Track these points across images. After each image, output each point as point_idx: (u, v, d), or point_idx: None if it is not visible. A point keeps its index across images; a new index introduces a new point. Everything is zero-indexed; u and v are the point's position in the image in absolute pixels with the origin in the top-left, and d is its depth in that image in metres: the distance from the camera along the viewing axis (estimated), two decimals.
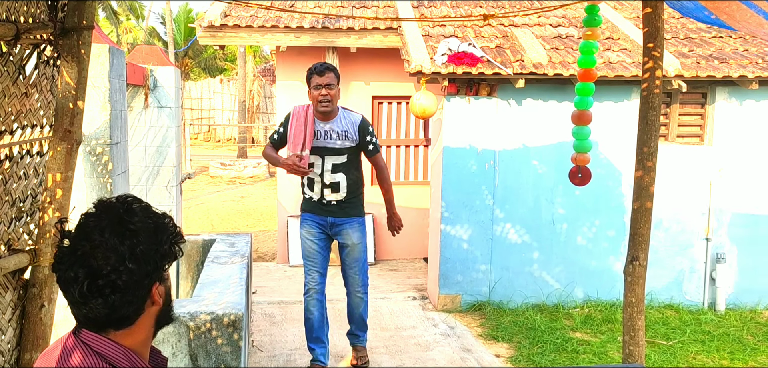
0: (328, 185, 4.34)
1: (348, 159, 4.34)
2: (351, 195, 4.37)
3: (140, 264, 1.25)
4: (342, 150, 4.32)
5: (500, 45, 6.52)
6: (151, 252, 1.28)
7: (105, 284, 1.22)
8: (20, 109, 2.27)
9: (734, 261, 6.52)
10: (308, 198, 4.46)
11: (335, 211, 4.38)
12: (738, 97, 6.39)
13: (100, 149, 3.89)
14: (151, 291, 1.31)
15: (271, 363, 4.88)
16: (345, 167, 4.34)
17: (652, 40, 3.07)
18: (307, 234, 4.45)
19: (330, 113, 4.30)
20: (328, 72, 4.27)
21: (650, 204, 3.14)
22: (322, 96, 4.23)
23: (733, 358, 5.23)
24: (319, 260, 4.47)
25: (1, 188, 2.20)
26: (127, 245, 1.24)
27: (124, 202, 1.30)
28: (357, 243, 4.43)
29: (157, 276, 1.31)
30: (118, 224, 1.26)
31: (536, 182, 6.32)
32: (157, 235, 1.30)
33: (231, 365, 3.56)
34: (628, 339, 3.25)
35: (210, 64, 32.04)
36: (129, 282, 1.24)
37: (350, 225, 4.41)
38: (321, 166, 4.31)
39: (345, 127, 4.32)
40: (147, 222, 1.29)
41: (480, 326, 5.85)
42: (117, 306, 1.25)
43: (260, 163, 18.20)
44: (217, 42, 7.57)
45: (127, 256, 1.24)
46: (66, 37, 2.33)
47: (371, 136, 4.39)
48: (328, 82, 4.24)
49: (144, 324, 1.33)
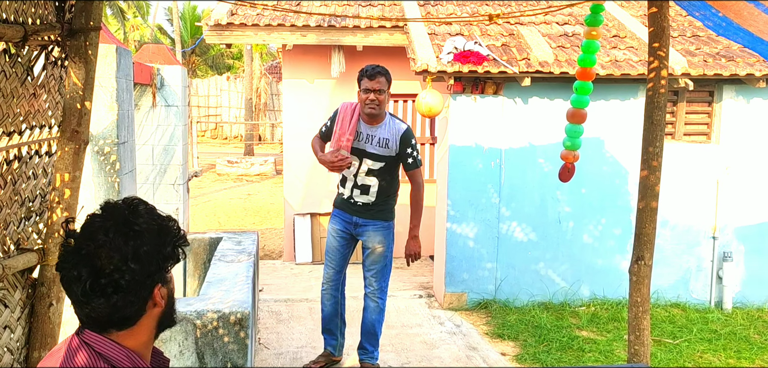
0: (359, 186, 4.29)
1: (385, 166, 4.25)
2: (380, 200, 4.31)
3: (143, 264, 1.27)
4: (380, 157, 4.23)
5: (506, 43, 6.52)
6: (154, 253, 1.29)
7: (107, 283, 1.24)
8: (29, 110, 2.29)
9: (741, 260, 6.49)
10: (340, 194, 4.44)
11: (361, 212, 4.33)
12: (745, 96, 6.36)
13: (107, 149, 3.92)
14: (154, 292, 1.32)
15: (277, 360, 4.90)
16: (380, 173, 4.27)
17: (657, 39, 3.07)
18: (332, 231, 4.45)
19: (376, 117, 4.22)
20: (379, 76, 4.16)
21: (655, 204, 3.14)
22: (369, 100, 4.13)
23: (740, 357, 5.22)
24: (337, 258, 4.46)
25: (11, 188, 2.22)
26: (131, 246, 1.26)
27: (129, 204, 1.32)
28: (378, 246, 4.34)
29: (159, 278, 1.32)
30: (123, 225, 1.27)
31: (542, 180, 6.32)
32: (161, 237, 1.31)
33: (238, 363, 3.58)
34: (633, 338, 3.25)
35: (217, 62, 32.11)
36: (131, 282, 1.25)
37: (374, 227, 4.33)
38: (356, 167, 4.25)
39: (387, 135, 4.22)
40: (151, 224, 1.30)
41: (486, 324, 5.85)
42: (119, 306, 1.26)
43: (267, 160, 18.24)
44: (224, 40, 7.60)
45: (131, 257, 1.25)
46: (73, 38, 2.35)
47: (413, 149, 4.24)
48: (379, 88, 4.14)
49: (146, 325, 1.34)
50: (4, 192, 2.19)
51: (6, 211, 2.20)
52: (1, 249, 2.19)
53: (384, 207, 4.34)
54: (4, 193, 2.18)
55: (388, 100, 4.29)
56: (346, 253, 4.50)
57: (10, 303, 2.21)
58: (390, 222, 4.39)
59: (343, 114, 4.30)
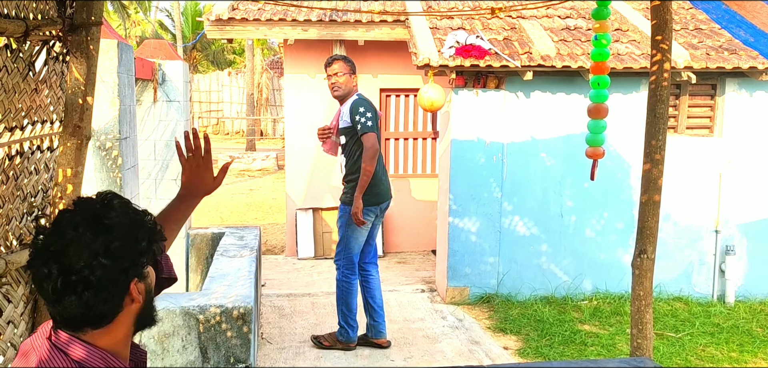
0: (340, 164, 4.94)
1: (347, 141, 4.74)
2: (347, 177, 4.80)
3: (115, 260, 1.22)
4: (341, 130, 4.78)
5: (508, 37, 6.50)
6: (127, 248, 1.25)
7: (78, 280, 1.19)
8: (30, 105, 2.29)
9: (744, 254, 6.48)
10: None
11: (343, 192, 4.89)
12: (748, 89, 6.35)
13: (109, 144, 3.92)
14: (129, 288, 1.27)
15: (280, 355, 4.91)
16: (345, 149, 4.78)
17: (660, 32, 3.06)
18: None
19: (343, 98, 4.80)
20: (334, 63, 4.81)
21: (658, 198, 3.13)
22: (331, 84, 4.81)
23: (742, 350, 5.21)
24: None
25: (13, 184, 2.22)
26: (101, 241, 1.21)
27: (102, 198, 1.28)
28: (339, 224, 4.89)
29: (134, 273, 1.28)
30: (92, 220, 1.23)
31: (544, 174, 6.31)
32: (134, 231, 1.27)
33: (241, 357, 3.59)
34: (636, 332, 3.24)
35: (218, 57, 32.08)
36: (103, 279, 1.21)
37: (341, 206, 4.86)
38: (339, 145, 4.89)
39: (344, 109, 4.76)
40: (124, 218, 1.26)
41: (488, 318, 5.85)
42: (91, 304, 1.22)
43: (269, 155, 18.24)
44: (225, 35, 7.59)
45: (101, 252, 1.20)
46: (75, 34, 2.35)
47: (360, 116, 4.62)
48: (335, 72, 4.77)
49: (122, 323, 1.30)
50: (6, 188, 2.19)
51: (8, 207, 2.20)
52: (3, 244, 2.20)
53: (348, 188, 4.81)
54: (6, 189, 2.18)
55: (353, 82, 4.82)
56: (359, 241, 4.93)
57: (14, 299, 2.21)
58: (348, 206, 4.74)
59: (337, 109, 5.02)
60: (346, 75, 4.75)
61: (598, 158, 3.95)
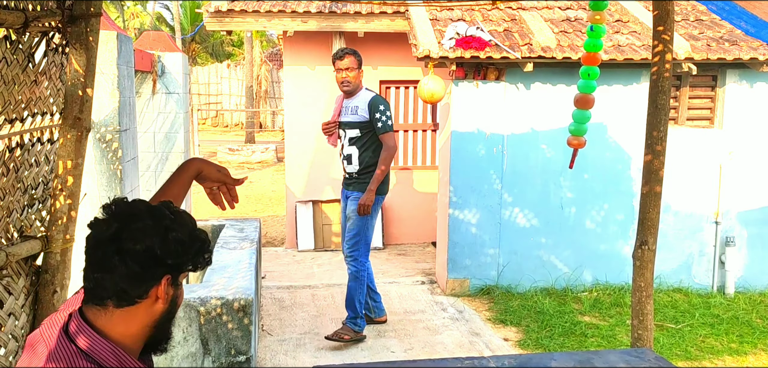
0: (345, 157, 4.92)
1: (361, 134, 4.81)
2: (362, 170, 4.83)
3: (163, 245, 1.30)
4: (354, 123, 4.83)
5: (508, 28, 6.48)
6: (177, 244, 1.32)
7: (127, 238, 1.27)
8: (30, 97, 2.28)
9: (744, 245, 6.49)
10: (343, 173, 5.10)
11: (349, 184, 4.94)
12: (749, 80, 6.34)
13: (109, 136, 3.91)
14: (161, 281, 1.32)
15: (281, 347, 4.92)
16: (358, 141, 4.83)
17: (662, 23, 3.04)
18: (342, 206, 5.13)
19: (351, 92, 4.89)
20: (346, 56, 4.83)
21: (659, 189, 3.13)
22: (341, 78, 4.84)
23: (742, 341, 5.22)
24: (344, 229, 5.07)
25: (13, 176, 2.22)
26: (163, 225, 1.31)
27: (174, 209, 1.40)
28: (352, 215, 4.85)
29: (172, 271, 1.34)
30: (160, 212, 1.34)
31: (545, 166, 6.30)
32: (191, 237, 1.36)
33: (241, 349, 3.59)
34: (636, 323, 3.25)
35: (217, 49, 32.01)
36: (145, 255, 1.28)
37: (354, 198, 4.87)
38: (342, 138, 4.94)
39: (358, 103, 4.84)
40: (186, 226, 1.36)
41: (488, 310, 5.86)
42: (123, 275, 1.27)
43: (268, 148, 18.23)
44: (224, 27, 7.57)
45: (159, 232, 1.30)
46: (74, 25, 2.33)
47: (381, 114, 4.76)
48: (347, 66, 4.81)
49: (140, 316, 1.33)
50: (7, 180, 2.18)
51: (9, 199, 2.20)
52: (4, 236, 2.19)
53: (365, 180, 4.81)
54: (6, 181, 2.18)
55: (361, 75, 4.92)
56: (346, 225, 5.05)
57: (15, 291, 2.21)
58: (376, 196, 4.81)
59: (338, 98, 5.11)
60: (356, 69, 4.83)
61: (579, 148, 3.96)
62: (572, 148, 3.97)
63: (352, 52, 4.86)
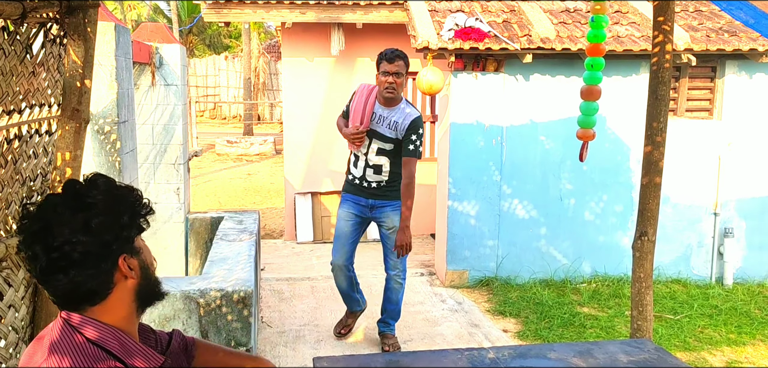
0: (371, 166, 4.37)
1: (394, 147, 4.32)
2: (393, 181, 4.38)
3: (95, 236, 1.24)
4: (389, 138, 4.31)
5: (507, 19, 6.46)
6: (108, 223, 1.26)
7: (60, 257, 1.22)
8: (28, 88, 2.27)
9: (742, 236, 6.50)
10: (351, 180, 4.48)
11: (376, 193, 4.40)
12: (748, 71, 6.33)
13: (108, 128, 3.90)
14: (117, 263, 1.29)
15: (280, 338, 4.92)
16: (390, 153, 4.34)
17: (662, 13, 3.04)
18: (343, 215, 4.49)
19: (393, 101, 4.29)
20: (398, 60, 4.22)
21: (659, 180, 3.13)
22: (388, 83, 4.20)
23: (740, 332, 5.24)
24: (349, 241, 4.50)
25: (11, 167, 2.21)
26: (80, 218, 1.23)
27: (87, 179, 1.30)
28: (396, 226, 4.39)
29: (121, 248, 1.29)
30: (72, 198, 1.26)
31: (544, 158, 6.30)
32: (115, 206, 1.28)
33: (241, 341, 3.59)
34: (636, 313, 3.25)
35: (215, 41, 31.92)
36: (85, 255, 1.23)
37: (391, 207, 4.40)
38: (367, 146, 4.34)
39: (398, 119, 4.28)
40: (105, 195, 1.28)
41: (487, 301, 5.87)
42: (78, 281, 1.24)
43: (266, 140, 18.20)
44: (222, 18, 7.54)
45: (80, 229, 1.23)
46: (72, 15, 2.32)
47: (418, 138, 4.27)
48: (397, 71, 4.20)
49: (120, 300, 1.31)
50: (5, 172, 2.17)
51: (7, 191, 2.19)
52: (3, 228, 2.19)
53: (395, 187, 4.40)
54: (4, 173, 2.17)
55: (405, 84, 4.39)
56: (356, 238, 4.55)
57: (14, 283, 2.20)
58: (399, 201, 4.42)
59: (360, 95, 4.38)
60: (404, 76, 4.28)
61: (588, 140, 3.95)
62: (581, 141, 3.95)
63: (404, 57, 4.27)
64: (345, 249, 4.52)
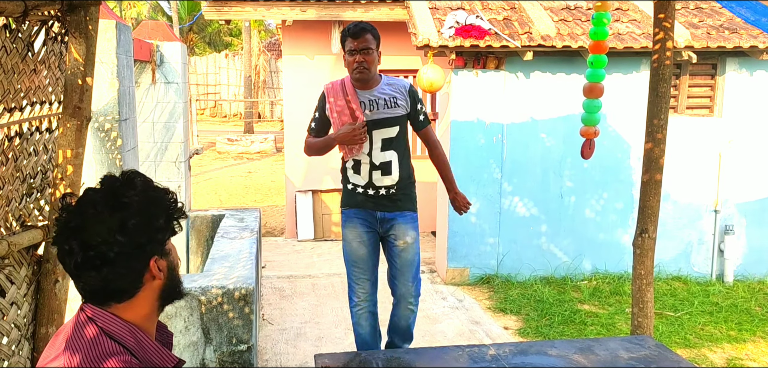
0: (378, 166, 3.47)
1: (399, 132, 3.50)
2: (404, 181, 3.53)
3: (131, 236, 1.25)
4: (392, 120, 3.47)
5: (508, 17, 6.46)
6: (143, 225, 1.27)
7: (95, 256, 1.23)
8: (29, 86, 2.27)
9: (743, 233, 6.50)
10: (352, 190, 3.54)
11: (386, 204, 3.50)
12: (748, 68, 6.33)
13: (108, 125, 3.90)
14: (149, 264, 1.30)
15: (281, 336, 4.93)
16: (396, 144, 3.49)
17: (663, 10, 3.03)
18: (353, 236, 3.52)
19: (369, 81, 3.48)
20: (364, 33, 3.43)
21: (660, 177, 3.13)
22: (357, 62, 3.40)
23: (740, 329, 5.24)
24: (369, 266, 3.54)
25: (12, 165, 2.21)
26: (118, 218, 1.24)
27: (125, 177, 1.31)
28: (412, 243, 3.53)
29: (154, 250, 1.31)
30: (111, 197, 1.26)
31: (544, 155, 6.30)
32: (151, 209, 1.29)
33: (242, 338, 3.60)
34: (637, 310, 3.26)
35: (215, 39, 31.90)
36: (120, 255, 1.24)
37: (404, 219, 3.52)
38: (369, 144, 3.44)
39: (392, 93, 3.51)
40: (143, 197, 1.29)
41: (488, 299, 5.87)
42: (110, 279, 1.26)
43: (267, 138, 18.20)
44: (223, 16, 7.54)
45: (117, 229, 1.24)
46: (73, 13, 2.32)
47: (421, 104, 3.59)
48: (365, 46, 3.41)
49: (146, 298, 1.33)
50: (6, 169, 2.18)
51: (8, 188, 2.19)
52: (4, 226, 2.19)
53: (410, 192, 3.60)
54: (5, 170, 2.17)
55: (379, 61, 3.54)
56: (376, 258, 3.62)
57: (16, 280, 2.21)
58: (415, 212, 3.63)
59: (333, 95, 3.53)
60: (375, 51, 3.48)
61: (591, 137, 3.95)
62: (583, 138, 3.95)
63: (371, 29, 3.49)
64: (368, 282, 3.56)
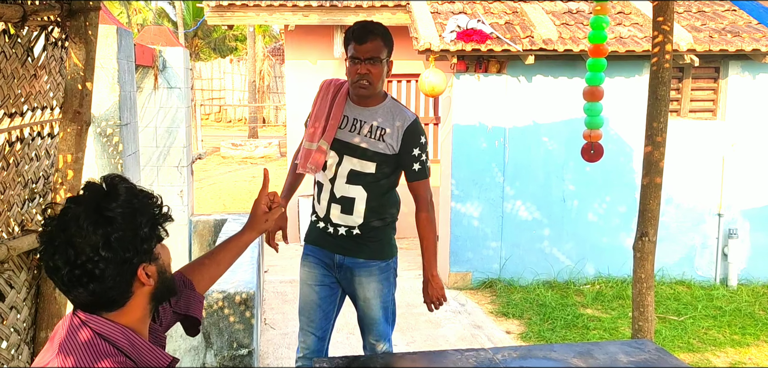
0: (338, 200, 2.79)
1: (377, 171, 2.77)
2: (370, 224, 2.82)
3: (116, 251, 1.24)
4: (369, 153, 2.75)
5: (510, 21, 6.47)
6: (127, 238, 1.25)
7: (82, 274, 1.23)
8: (29, 91, 2.29)
9: (746, 237, 6.47)
10: (314, 222, 2.94)
11: (347, 245, 2.83)
12: (751, 71, 6.31)
13: (110, 130, 3.92)
14: (137, 273, 1.29)
15: (283, 340, 4.93)
16: (368, 181, 2.77)
17: (662, 13, 3.03)
18: (305, 277, 2.92)
19: (369, 98, 2.78)
20: (372, 38, 2.69)
21: (659, 180, 3.12)
22: (358, 74, 2.70)
23: (744, 333, 5.22)
24: (317, 317, 2.90)
25: (13, 170, 2.22)
26: (101, 234, 1.22)
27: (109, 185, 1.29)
28: (372, 298, 2.87)
29: (139, 260, 1.29)
30: (93, 211, 1.24)
31: (546, 159, 6.29)
32: (135, 220, 1.27)
33: (244, 343, 3.60)
34: (637, 314, 3.25)
35: (220, 45, 32.01)
36: (106, 271, 1.23)
37: (366, 270, 2.85)
38: (334, 168, 2.78)
39: (384, 123, 2.76)
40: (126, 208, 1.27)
41: (490, 303, 5.86)
42: (98, 293, 1.25)
43: (271, 142, 18.23)
44: (225, 21, 7.57)
45: (101, 245, 1.22)
46: (73, 18, 2.34)
47: (422, 151, 2.79)
48: (371, 55, 2.69)
49: (137, 304, 1.32)
50: (7, 174, 2.19)
51: (9, 193, 2.21)
52: (5, 230, 2.20)
53: (379, 236, 2.88)
54: (6, 175, 2.18)
55: (388, 72, 2.80)
56: (329, 308, 2.94)
57: (16, 284, 2.22)
58: (388, 261, 2.94)
59: (323, 93, 2.91)
60: (383, 63, 2.72)
61: (596, 140, 3.94)
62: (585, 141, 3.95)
63: (382, 33, 2.73)
64: (312, 336, 2.92)
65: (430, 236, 2.98)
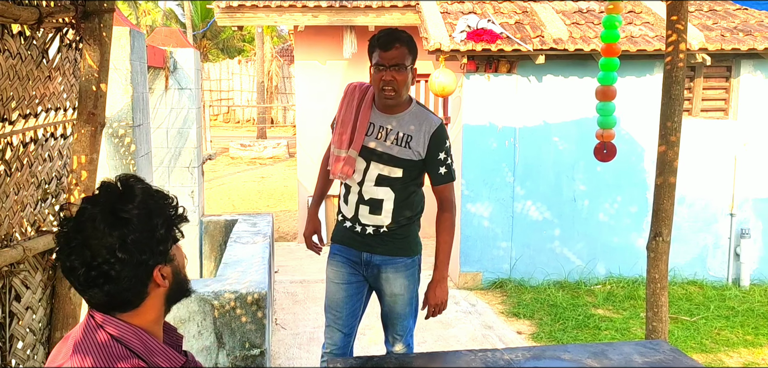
0: (367, 201, 2.91)
1: (404, 175, 2.88)
2: (398, 224, 2.94)
3: (132, 253, 1.24)
4: (398, 160, 2.85)
5: (520, 21, 6.45)
6: (143, 240, 1.26)
7: (98, 275, 1.23)
8: (44, 93, 2.30)
9: (759, 237, 6.43)
10: (341, 221, 3.07)
11: (373, 244, 2.95)
12: (763, 70, 6.26)
13: (122, 131, 3.94)
14: (153, 274, 1.29)
15: (294, 340, 4.94)
16: (396, 184, 2.89)
17: (675, 12, 3.01)
18: (332, 275, 3.03)
19: (395, 106, 2.85)
20: (396, 45, 2.77)
21: (674, 180, 3.10)
22: (384, 82, 2.77)
23: (757, 333, 5.18)
24: (344, 314, 3.01)
25: (27, 170, 2.24)
26: (117, 236, 1.22)
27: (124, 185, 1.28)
28: (399, 294, 3.02)
29: (155, 261, 1.29)
30: (109, 213, 1.24)
31: (557, 159, 6.27)
32: (151, 221, 1.27)
33: (255, 343, 3.61)
34: (651, 315, 3.23)
35: (228, 46, 32.09)
36: (122, 272, 1.24)
37: (393, 267, 2.99)
38: (362, 173, 2.89)
39: (411, 130, 2.85)
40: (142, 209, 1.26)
41: (501, 303, 5.85)
42: (114, 294, 1.26)
43: (280, 143, 18.27)
44: (235, 22, 7.59)
45: (118, 247, 1.22)
46: (88, 21, 2.35)
47: (447, 155, 2.91)
48: (397, 62, 2.75)
49: (152, 305, 1.33)
50: (21, 175, 2.20)
51: (23, 194, 2.22)
52: (20, 231, 2.21)
53: (405, 234, 3.01)
54: (21, 176, 2.20)
55: (413, 79, 2.89)
56: (356, 306, 3.05)
57: (32, 285, 2.23)
58: (414, 257, 3.10)
59: (348, 98, 2.98)
60: (408, 69, 2.79)
61: (608, 140, 3.92)
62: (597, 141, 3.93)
63: (407, 41, 2.81)
64: (339, 332, 3.03)
65: (449, 238, 3.04)
